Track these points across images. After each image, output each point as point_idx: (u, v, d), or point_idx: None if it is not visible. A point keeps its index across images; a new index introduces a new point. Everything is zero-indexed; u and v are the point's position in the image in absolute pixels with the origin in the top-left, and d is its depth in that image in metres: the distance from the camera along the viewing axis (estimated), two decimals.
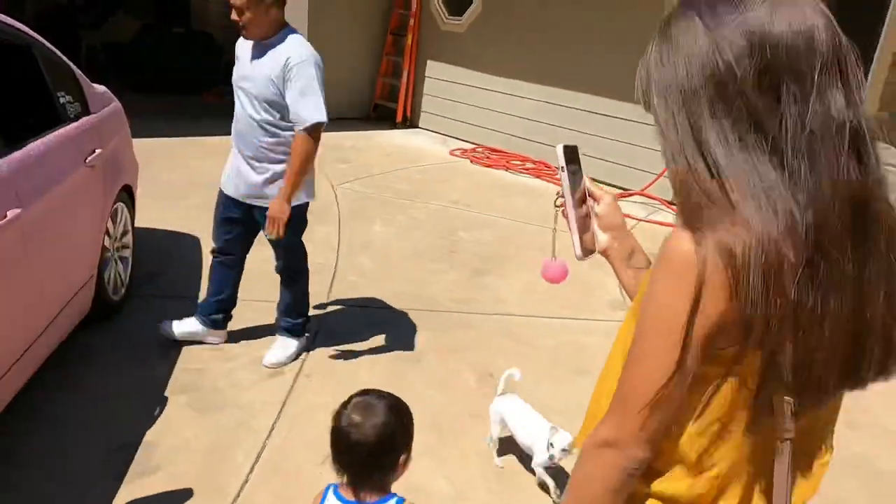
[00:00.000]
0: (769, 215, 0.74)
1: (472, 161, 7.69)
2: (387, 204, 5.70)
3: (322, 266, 4.26)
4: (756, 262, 0.74)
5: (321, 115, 2.74)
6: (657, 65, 0.87)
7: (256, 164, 2.89)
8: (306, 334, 3.32)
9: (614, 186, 6.98)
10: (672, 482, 0.88)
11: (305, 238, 3.17)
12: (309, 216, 3.10)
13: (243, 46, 2.90)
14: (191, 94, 9.67)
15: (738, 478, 0.87)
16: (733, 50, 0.79)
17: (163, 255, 4.21)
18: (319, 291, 3.93)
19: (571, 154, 1.11)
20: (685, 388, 0.81)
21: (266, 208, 2.82)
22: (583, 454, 0.90)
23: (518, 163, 7.76)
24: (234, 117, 2.96)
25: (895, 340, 0.81)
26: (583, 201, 1.12)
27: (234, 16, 2.69)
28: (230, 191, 3.03)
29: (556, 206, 1.12)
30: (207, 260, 4.00)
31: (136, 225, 4.00)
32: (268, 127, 2.83)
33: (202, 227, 4.60)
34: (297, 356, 3.23)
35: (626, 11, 6.77)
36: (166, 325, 3.21)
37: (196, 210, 4.96)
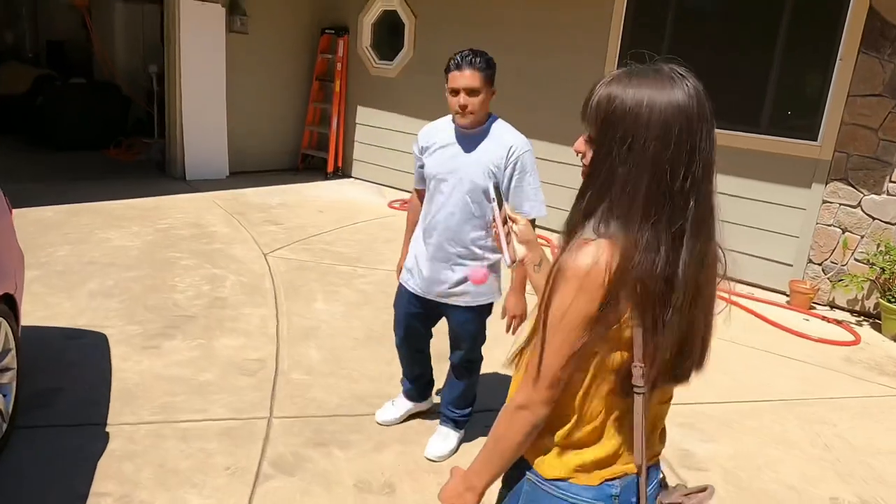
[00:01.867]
0: (650, 259, 1.10)
1: None
2: (327, 273, 5.06)
3: (260, 364, 3.58)
4: (633, 279, 1.10)
5: (544, 210, 2.66)
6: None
7: (458, 260, 2.69)
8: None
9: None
10: (565, 432, 1.23)
11: (236, 326, 2.52)
12: (240, 296, 2.47)
13: (440, 134, 2.72)
14: (93, 149, 8.75)
15: (608, 426, 1.24)
16: None
17: (58, 363, 3.41)
18: (259, 399, 3.25)
19: (496, 189, 1.49)
20: (577, 363, 1.17)
21: (461, 307, 2.74)
22: (501, 415, 1.25)
23: None
24: (427, 211, 2.74)
25: (707, 345, 1.25)
26: (504, 223, 1.44)
27: (460, 100, 2.52)
28: (419, 290, 2.80)
29: (490, 229, 1.48)
30: (119, 365, 3.28)
31: (24, 323, 3.22)
32: (480, 219, 2.63)
33: (108, 320, 3.84)
34: (456, 449, 2.98)
35: (568, 55, 6.49)
36: (382, 414, 3.14)
37: (100, 298, 4.17)
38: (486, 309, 2.81)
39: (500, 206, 1.46)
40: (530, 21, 6.74)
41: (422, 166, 2.78)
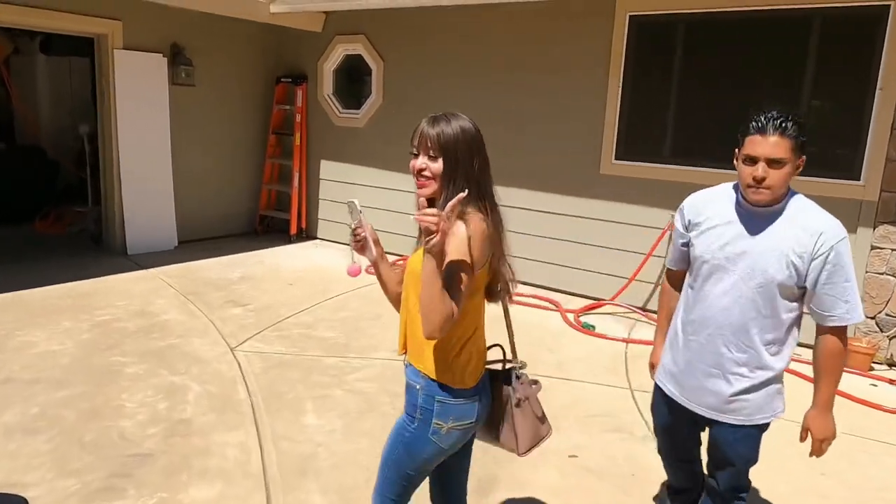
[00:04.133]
0: (495, 219, 1.80)
1: None
2: (313, 370, 4.13)
3: None
4: (489, 231, 1.74)
5: (861, 314, 2.05)
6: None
7: (736, 368, 2.12)
8: None
9: (568, 295, 5.85)
10: (455, 339, 1.78)
11: (207, 464, 2.10)
12: (208, 415, 1.66)
13: (717, 207, 2.15)
14: (16, 223, 7.60)
15: (476, 331, 1.84)
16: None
17: None
18: None
19: (352, 204, 1.87)
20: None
21: (734, 424, 2.14)
22: (426, 325, 1.68)
23: None
24: (694, 301, 2.20)
25: (513, 277, 1.89)
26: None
27: (757, 172, 1.96)
28: (682, 398, 2.24)
29: (355, 238, 1.89)
30: None
31: None
32: (769, 319, 2.07)
33: (31, 472, 2.81)
34: None
35: (560, 95, 5.85)
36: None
37: (19, 435, 3.13)
38: (765, 427, 2.20)
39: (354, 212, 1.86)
40: (516, 59, 6.09)
41: (686, 244, 2.25)
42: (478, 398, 1.82)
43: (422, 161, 1.76)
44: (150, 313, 4.93)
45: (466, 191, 1.67)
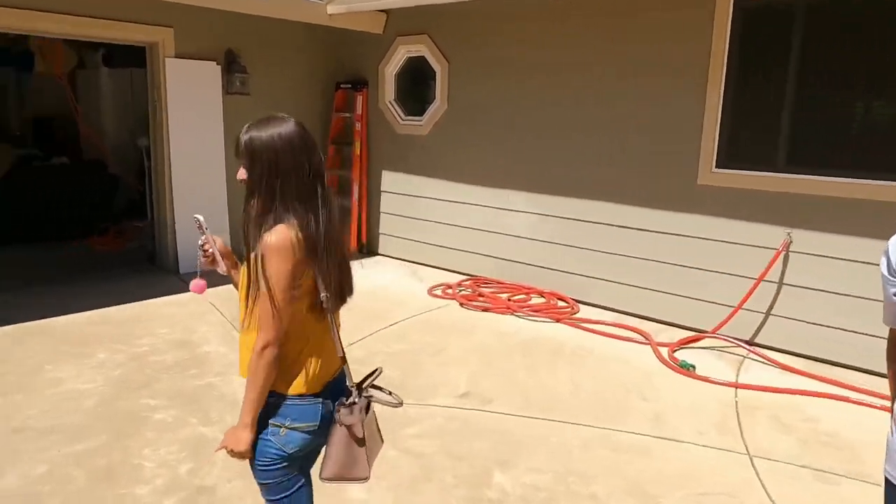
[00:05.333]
0: (311, 227, 1.68)
1: (461, 304, 5.67)
2: None
3: None
4: (303, 240, 1.65)
5: None
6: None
7: None
8: None
9: (660, 324, 5.03)
10: (288, 350, 1.71)
11: None
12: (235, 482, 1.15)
13: None
14: (76, 238, 7.43)
15: (312, 339, 1.76)
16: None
17: None
18: None
19: (198, 220, 1.92)
20: (289, 303, 1.66)
21: None
22: (252, 360, 1.66)
23: (522, 297, 5.79)
24: None
25: (351, 280, 1.81)
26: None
27: None
28: None
29: (204, 254, 1.92)
30: None
31: None
32: None
33: None
34: None
35: (648, 95, 5.07)
36: None
37: (20, 502, 2.66)
38: None
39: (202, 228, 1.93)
40: (597, 58, 5.36)
41: None
42: (321, 402, 1.78)
43: (241, 169, 1.76)
44: (190, 344, 4.49)
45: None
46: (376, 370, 1.91)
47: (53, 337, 4.54)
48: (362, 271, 6.70)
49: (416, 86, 6.92)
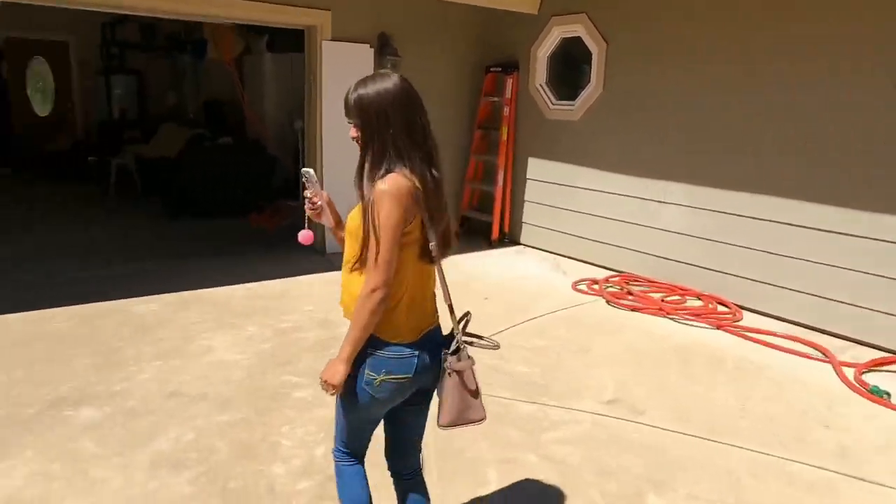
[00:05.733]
0: (420, 177, 1.75)
1: (608, 301, 5.30)
2: (502, 419, 3.33)
3: None
4: (415, 190, 1.73)
5: None
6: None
7: None
8: None
9: (845, 340, 4.34)
10: (391, 295, 1.74)
11: None
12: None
13: None
14: (236, 216, 7.86)
15: (414, 287, 1.81)
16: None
17: None
18: None
19: (308, 173, 2.00)
20: (397, 249, 1.72)
21: None
22: (360, 300, 1.71)
23: (677, 298, 5.31)
24: None
25: (451, 235, 1.86)
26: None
27: None
28: None
29: (311, 206, 2.00)
30: None
31: None
32: None
33: None
34: None
35: (849, 85, 4.38)
36: None
37: (165, 471, 2.73)
38: None
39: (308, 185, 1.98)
40: (787, 38, 4.73)
41: None
42: (416, 355, 1.82)
43: (352, 128, 1.81)
44: (331, 323, 4.51)
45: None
46: (466, 314, 1.92)
47: (210, 307, 4.76)
48: (503, 261, 6.50)
49: (567, 69, 6.57)
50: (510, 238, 7.19)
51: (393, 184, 1.68)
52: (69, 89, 11.07)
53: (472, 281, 5.63)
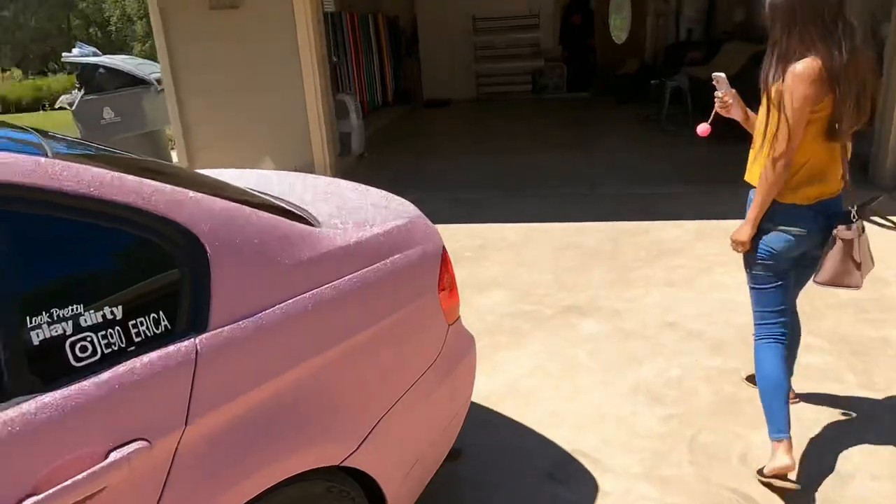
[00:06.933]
0: (832, 60, 1.91)
1: None
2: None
3: None
4: (826, 70, 1.91)
5: None
6: None
7: None
8: None
9: None
10: (793, 163, 2.01)
11: None
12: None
13: None
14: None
15: (815, 159, 2.03)
16: None
17: None
18: None
19: (720, 76, 2.23)
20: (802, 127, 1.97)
21: None
22: (765, 168, 2.02)
23: None
24: None
25: (864, 108, 1.97)
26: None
27: None
28: None
29: (721, 103, 2.23)
30: None
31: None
32: None
33: (631, 455, 2.32)
34: None
35: None
36: None
37: (640, 399, 2.69)
38: None
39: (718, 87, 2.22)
40: None
41: None
42: (810, 216, 2.07)
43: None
44: (880, 281, 3.60)
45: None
46: (877, 196, 2.15)
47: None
48: None
49: None
50: None
51: (805, 66, 1.92)
52: (644, 13, 11.65)
53: None
